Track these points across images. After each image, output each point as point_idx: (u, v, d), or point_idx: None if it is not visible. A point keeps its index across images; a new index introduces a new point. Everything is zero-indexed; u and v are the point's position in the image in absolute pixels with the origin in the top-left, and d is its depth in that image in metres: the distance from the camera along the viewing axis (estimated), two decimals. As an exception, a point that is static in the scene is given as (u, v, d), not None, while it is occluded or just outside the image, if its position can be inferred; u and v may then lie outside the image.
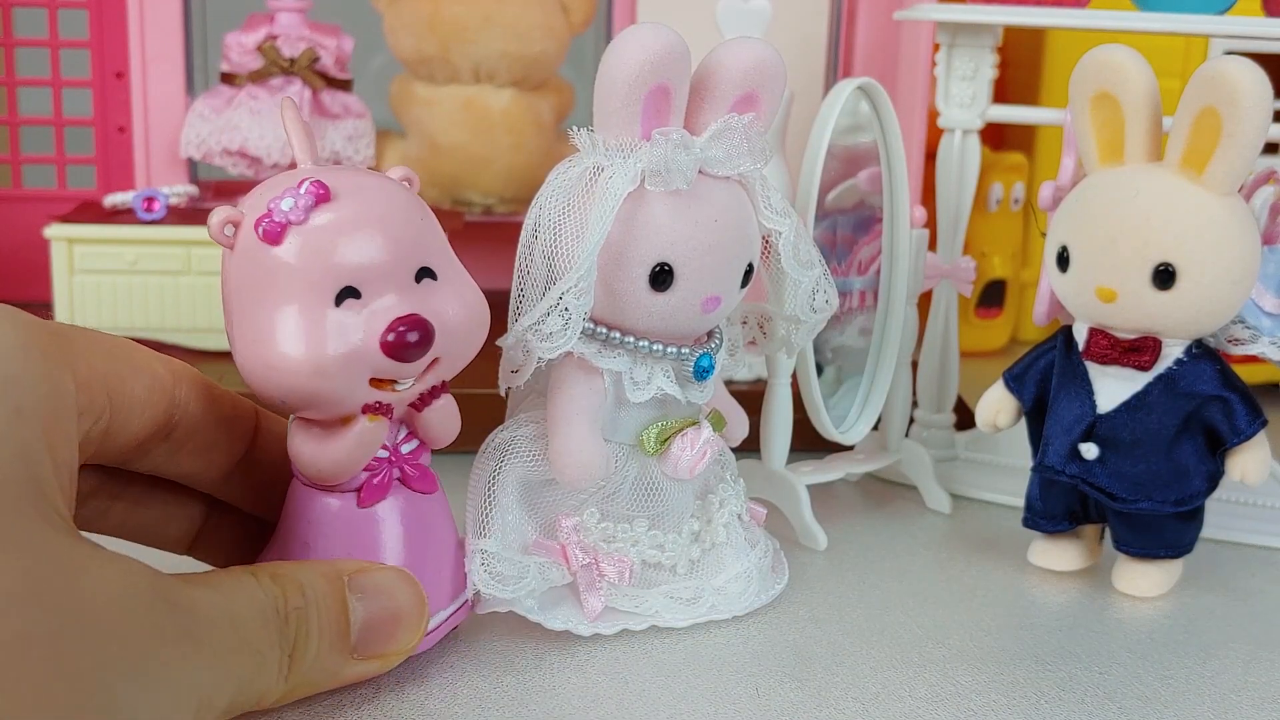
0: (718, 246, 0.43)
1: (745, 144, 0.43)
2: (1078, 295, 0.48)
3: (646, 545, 0.46)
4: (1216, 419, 0.48)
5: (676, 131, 0.42)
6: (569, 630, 0.44)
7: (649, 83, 0.41)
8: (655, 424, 0.45)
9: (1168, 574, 0.50)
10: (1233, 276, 0.46)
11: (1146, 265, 0.46)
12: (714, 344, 0.46)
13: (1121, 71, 0.47)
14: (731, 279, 0.44)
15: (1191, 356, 0.48)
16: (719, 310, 0.44)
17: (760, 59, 0.43)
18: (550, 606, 0.45)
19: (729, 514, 0.47)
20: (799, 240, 0.45)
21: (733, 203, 0.43)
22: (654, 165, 0.41)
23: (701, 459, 0.45)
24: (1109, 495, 0.49)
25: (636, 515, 0.46)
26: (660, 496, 0.46)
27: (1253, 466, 0.48)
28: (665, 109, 0.42)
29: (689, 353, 0.44)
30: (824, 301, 0.47)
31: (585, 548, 0.45)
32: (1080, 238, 0.48)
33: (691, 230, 0.42)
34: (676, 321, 0.44)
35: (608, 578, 0.45)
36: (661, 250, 0.42)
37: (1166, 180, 0.46)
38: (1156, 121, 0.47)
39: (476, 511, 0.44)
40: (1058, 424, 0.50)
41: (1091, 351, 0.49)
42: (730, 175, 0.43)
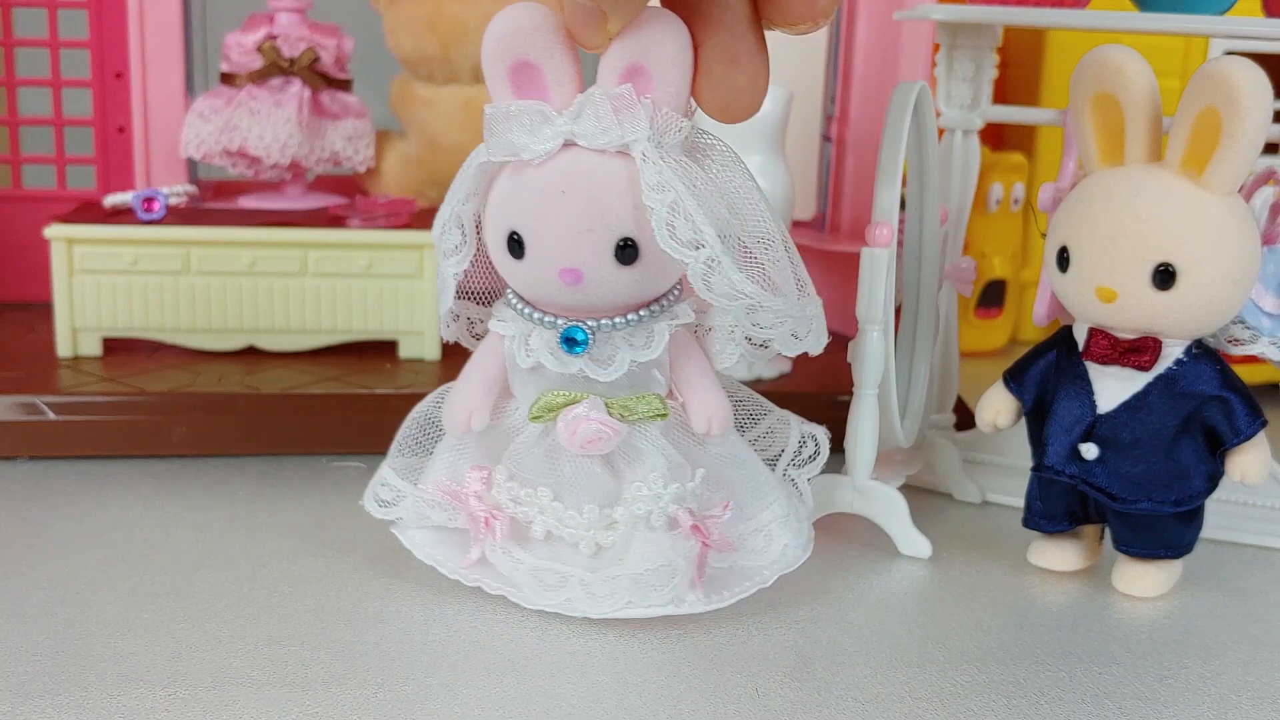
0: (564, 218, 0.43)
1: (612, 116, 0.42)
2: (1078, 295, 0.48)
3: (550, 515, 0.46)
4: (1216, 419, 0.48)
5: (527, 104, 0.42)
6: (454, 578, 0.47)
7: (508, 58, 0.42)
8: (547, 393, 0.45)
9: (1167, 574, 0.50)
10: (1232, 276, 0.46)
11: (1146, 265, 0.46)
12: (612, 321, 0.44)
13: (1121, 72, 0.47)
14: (592, 253, 0.43)
15: (1191, 357, 0.48)
16: (585, 285, 0.43)
17: (639, 30, 0.41)
18: (451, 546, 0.48)
19: (633, 515, 0.45)
20: (675, 218, 0.41)
21: (595, 176, 0.42)
22: (489, 137, 0.43)
23: (572, 435, 0.44)
24: (1109, 495, 0.49)
25: (541, 483, 0.46)
26: (562, 468, 0.46)
27: (1253, 467, 0.48)
28: (534, 82, 0.42)
29: (561, 323, 0.44)
30: (725, 287, 0.42)
31: (485, 500, 0.46)
32: (1080, 238, 0.48)
33: (536, 200, 0.43)
34: (544, 291, 0.44)
35: (494, 533, 0.46)
36: (510, 219, 0.43)
37: (1167, 180, 0.46)
38: (1156, 122, 0.47)
39: (397, 439, 0.49)
40: (1058, 424, 0.50)
41: (1091, 352, 0.49)
42: (604, 148, 0.42)
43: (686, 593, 0.46)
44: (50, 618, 0.45)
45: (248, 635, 0.44)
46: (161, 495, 0.57)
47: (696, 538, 0.45)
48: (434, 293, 0.67)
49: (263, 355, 0.67)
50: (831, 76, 0.77)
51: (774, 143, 0.67)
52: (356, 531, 0.54)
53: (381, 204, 0.70)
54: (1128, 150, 0.48)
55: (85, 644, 0.43)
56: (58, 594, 0.47)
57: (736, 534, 0.47)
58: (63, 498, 0.56)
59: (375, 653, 0.44)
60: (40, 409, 0.60)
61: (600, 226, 0.43)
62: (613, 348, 0.45)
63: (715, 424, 0.46)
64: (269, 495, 0.57)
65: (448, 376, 0.65)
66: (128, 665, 0.42)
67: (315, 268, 0.67)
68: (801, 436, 0.50)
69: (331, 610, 0.47)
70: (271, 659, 0.43)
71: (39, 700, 0.40)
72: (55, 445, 0.60)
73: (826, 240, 0.78)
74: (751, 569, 0.47)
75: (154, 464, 0.60)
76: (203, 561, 0.50)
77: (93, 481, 0.58)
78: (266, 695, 0.41)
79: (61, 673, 0.41)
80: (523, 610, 0.46)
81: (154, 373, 0.64)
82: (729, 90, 0.41)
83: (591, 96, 0.42)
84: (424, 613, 0.47)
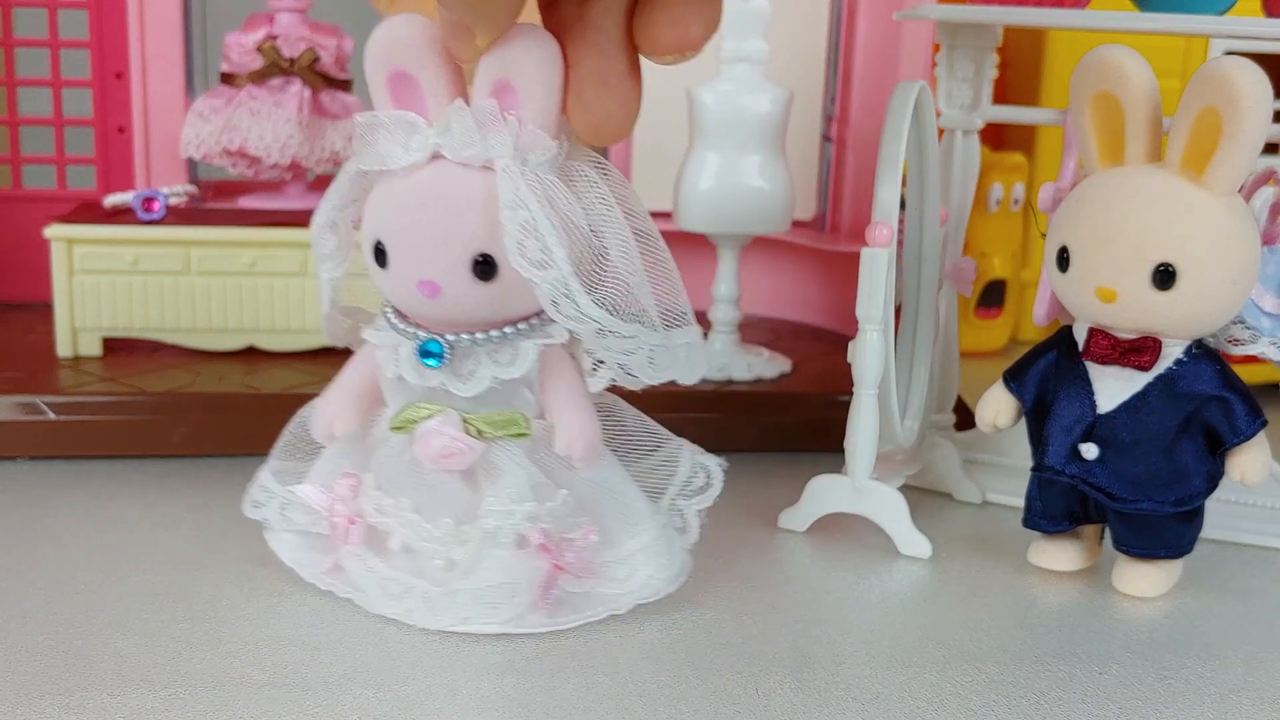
0: (421, 230, 0.42)
1: (476, 131, 0.41)
2: (1078, 295, 0.48)
3: (409, 528, 0.46)
4: (1216, 419, 0.48)
5: (396, 115, 0.42)
6: (312, 582, 0.47)
7: (385, 69, 0.42)
8: (409, 405, 0.45)
9: (1168, 574, 0.50)
10: (1232, 276, 0.46)
11: (1146, 265, 0.46)
12: (473, 336, 0.44)
13: (1121, 72, 0.47)
14: (448, 267, 0.43)
15: (1191, 357, 0.48)
16: (443, 298, 0.43)
17: (507, 46, 0.41)
18: (317, 551, 0.48)
19: (483, 531, 0.45)
20: (526, 237, 0.41)
21: (456, 190, 0.42)
22: (359, 146, 0.43)
23: (425, 448, 0.44)
24: (1109, 495, 0.49)
25: (403, 494, 0.46)
26: (423, 481, 0.45)
27: (1252, 467, 0.48)
28: (412, 93, 0.42)
29: (422, 335, 0.44)
30: (572, 310, 0.42)
31: (350, 506, 0.46)
32: (1080, 238, 0.47)
33: (397, 211, 0.43)
34: (408, 303, 0.44)
35: (351, 540, 0.46)
36: (375, 228, 0.44)
37: (1167, 181, 0.46)
38: (1156, 122, 0.47)
39: (278, 443, 0.49)
40: (1058, 424, 0.50)
41: (1091, 352, 0.48)
42: (468, 163, 0.42)
43: (529, 613, 0.45)
44: (50, 618, 0.45)
45: (248, 635, 0.44)
46: (161, 495, 0.57)
47: (545, 558, 0.45)
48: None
49: (263, 355, 0.67)
50: (831, 76, 0.77)
51: (774, 143, 0.67)
52: (356, 531, 0.54)
53: (381, 204, 0.70)
54: (1128, 150, 0.48)
55: (85, 644, 0.43)
56: (58, 594, 0.47)
57: (600, 561, 0.46)
58: (63, 498, 0.56)
59: (375, 653, 0.44)
60: (40, 409, 0.60)
61: (455, 241, 0.42)
62: (475, 363, 0.44)
63: (577, 447, 0.45)
64: (269, 495, 0.57)
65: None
66: (128, 665, 0.42)
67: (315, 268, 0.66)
68: (693, 467, 0.49)
69: (332, 610, 0.47)
70: (271, 659, 0.43)
71: (39, 700, 0.40)
72: (55, 445, 0.60)
73: (826, 240, 0.78)
74: (610, 596, 0.46)
75: (154, 464, 0.60)
76: (203, 561, 0.50)
77: (93, 481, 0.58)
78: (266, 695, 0.41)
79: (61, 673, 0.41)
80: (523, 610, 0.46)
81: (154, 373, 0.64)
82: (599, 112, 0.41)
83: (457, 110, 0.42)
84: (424, 613, 0.47)
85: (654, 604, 0.48)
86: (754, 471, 0.62)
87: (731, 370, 0.67)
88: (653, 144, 0.79)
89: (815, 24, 0.77)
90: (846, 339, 0.54)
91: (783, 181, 0.67)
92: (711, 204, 0.67)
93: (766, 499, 0.58)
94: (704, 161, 0.67)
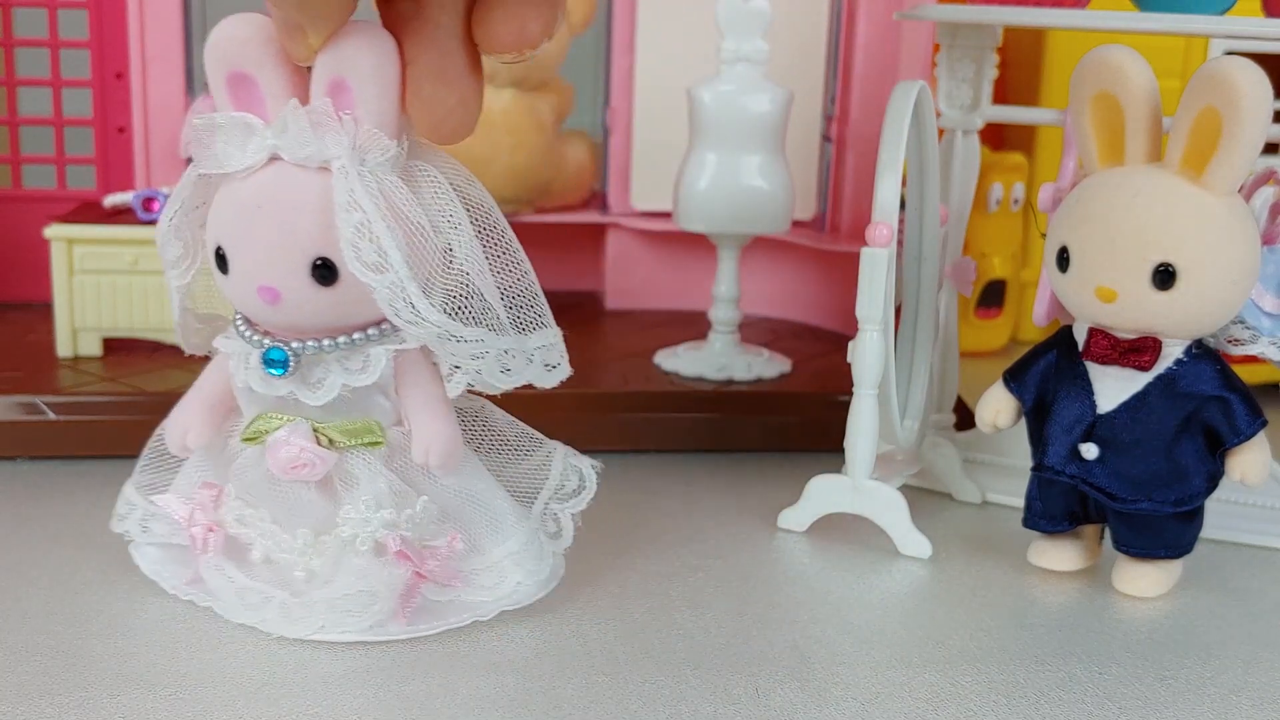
0: (258, 234, 0.42)
1: (311, 131, 0.41)
2: (1077, 295, 0.48)
3: (269, 539, 0.45)
4: (1216, 419, 0.48)
5: (233, 117, 0.41)
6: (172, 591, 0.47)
7: (223, 69, 0.41)
8: (261, 415, 0.44)
9: (1168, 574, 0.50)
10: (1232, 277, 0.46)
11: (1146, 265, 0.46)
12: (319, 343, 0.43)
13: (1121, 71, 0.47)
14: (287, 272, 0.42)
15: (1192, 357, 0.48)
16: (284, 304, 0.42)
17: (340, 44, 0.40)
18: (176, 563, 0.47)
19: (340, 540, 0.44)
20: (360, 239, 0.40)
21: (292, 192, 0.41)
22: (196, 150, 0.42)
23: (274, 459, 0.43)
24: (1109, 495, 0.49)
25: (262, 504, 0.45)
26: (280, 492, 0.45)
27: (1253, 467, 0.48)
28: (251, 94, 0.42)
29: (268, 342, 0.43)
30: (410, 314, 0.41)
31: (210, 515, 0.46)
32: (1080, 238, 0.47)
33: (235, 216, 0.42)
34: (251, 309, 0.43)
35: (210, 549, 0.45)
36: (215, 233, 0.43)
37: (1167, 181, 0.46)
38: (1156, 121, 0.47)
39: (141, 455, 0.49)
40: (1058, 424, 0.50)
41: (1091, 352, 0.48)
42: (305, 164, 0.41)
43: (388, 621, 0.44)
44: (50, 618, 0.45)
45: (247, 635, 0.44)
46: (161, 495, 0.57)
47: (405, 566, 0.44)
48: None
49: (263, 355, 0.67)
50: (831, 76, 0.77)
51: (774, 143, 0.67)
52: (356, 531, 0.54)
53: (381, 204, 0.70)
54: (1128, 150, 0.48)
55: (85, 644, 0.43)
56: (58, 594, 0.47)
57: (468, 569, 0.46)
58: (63, 498, 0.56)
59: (375, 653, 0.43)
60: (40, 409, 0.60)
61: (292, 245, 0.41)
62: (324, 370, 0.43)
63: (434, 454, 0.44)
64: (269, 495, 0.57)
65: (448, 376, 0.65)
66: (128, 665, 0.42)
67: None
68: (565, 470, 0.48)
69: (331, 610, 0.46)
70: (271, 659, 0.43)
71: (39, 700, 0.40)
72: (55, 445, 0.60)
73: (826, 240, 0.78)
74: (476, 604, 0.46)
75: (154, 464, 0.60)
76: (203, 561, 0.50)
77: (93, 481, 0.58)
78: (266, 695, 0.41)
79: (61, 673, 0.41)
80: (524, 612, 0.46)
81: (154, 373, 0.64)
82: (439, 109, 0.41)
83: (293, 110, 0.41)
84: (424, 613, 0.47)
85: (654, 604, 0.48)
86: (754, 471, 0.62)
87: (731, 370, 0.67)
88: (653, 144, 0.79)
89: (815, 24, 0.77)
90: (846, 339, 0.54)
91: (783, 181, 0.67)
92: (711, 204, 0.67)
93: (766, 499, 0.58)
94: (704, 161, 0.67)
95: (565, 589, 0.48)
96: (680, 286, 0.83)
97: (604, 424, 0.64)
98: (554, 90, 0.79)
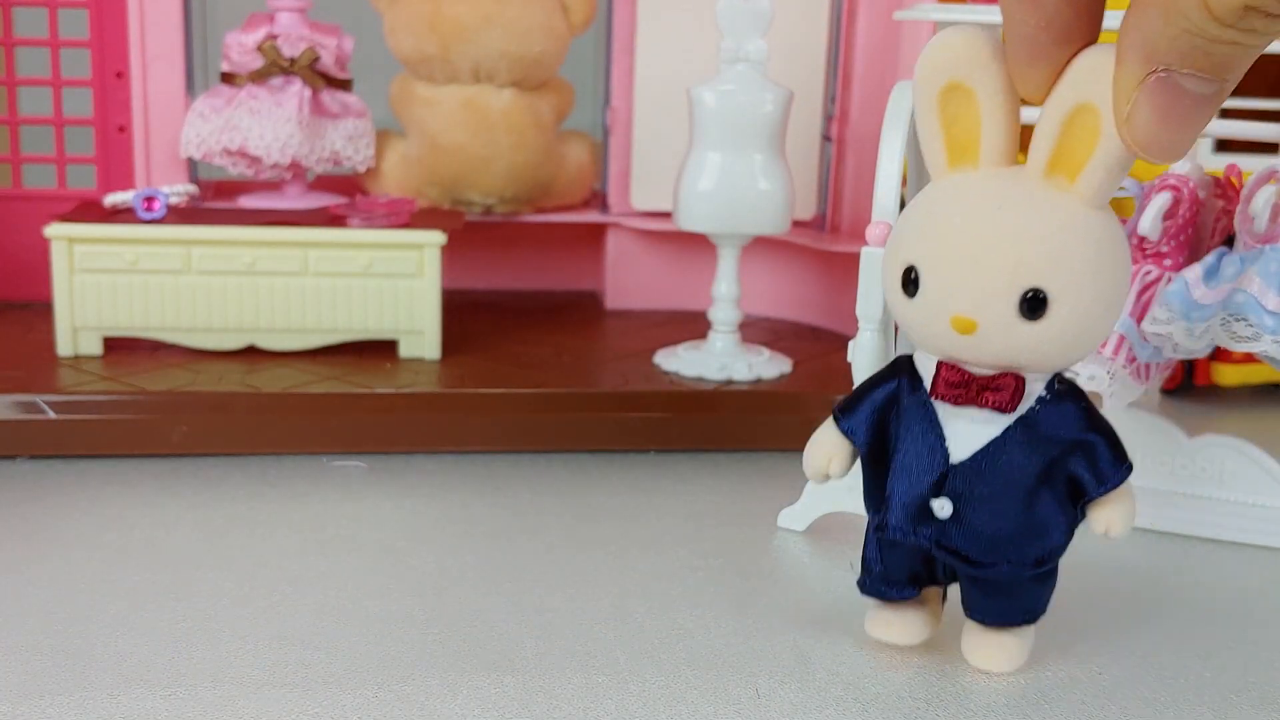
0: None
1: None
2: (928, 326, 0.40)
3: None
4: (1079, 467, 0.41)
5: None
6: None
7: None
8: None
9: (1024, 641, 0.44)
10: (1105, 303, 0.39)
11: (1014, 291, 0.38)
12: None
13: (977, 57, 0.38)
14: None
15: (1054, 394, 0.41)
16: None
17: None
18: None
19: None
20: None
21: None
22: None
23: None
24: (964, 559, 0.42)
25: None
26: None
27: (1119, 519, 0.41)
28: None
29: None
30: None
31: None
32: (934, 257, 0.39)
33: None
34: None
35: None
36: None
37: (1035, 190, 0.38)
38: (1014, 116, 0.39)
39: None
40: (904, 477, 0.42)
41: (941, 390, 0.41)
42: None
43: None
44: (50, 618, 0.45)
45: (248, 635, 0.44)
46: (161, 495, 0.57)
47: None
48: (436, 292, 0.67)
49: (263, 355, 0.67)
50: (831, 76, 0.77)
51: (774, 143, 0.67)
52: (356, 531, 0.54)
53: (382, 204, 0.70)
54: (983, 150, 0.40)
55: (85, 644, 0.43)
56: (58, 594, 0.47)
57: None
58: (63, 498, 0.56)
59: (375, 653, 0.44)
60: (40, 408, 0.60)
61: None
62: None
63: None
64: (269, 495, 0.57)
65: (448, 376, 0.65)
66: (128, 665, 0.42)
67: (315, 267, 0.67)
68: None
69: (331, 610, 0.47)
70: (271, 659, 0.43)
71: (39, 700, 0.40)
72: (55, 445, 0.60)
73: (826, 240, 0.78)
74: None
75: (154, 464, 0.61)
76: (203, 561, 0.50)
77: (93, 481, 0.58)
78: (266, 695, 0.41)
79: (61, 673, 0.41)
80: (523, 610, 0.46)
81: (154, 372, 0.64)
82: None
83: None
84: (424, 613, 0.47)
85: (654, 604, 0.48)
86: (754, 471, 0.62)
87: (731, 370, 0.67)
88: (653, 144, 0.79)
89: (815, 24, 0.77)
90: (846, 339, 0.54)
91: (783, 181, 0.67)
92: (711, 204, 0.67)
93: (766, 499, 0.58)
94: (704, 161, 0.67)
95: (565, 589, 0.48)
96: (680, 286, 0.83)
97: (604, 424, 0.64)
98: (554, 90, 0.79)
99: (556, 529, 0.55)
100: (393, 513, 0.56)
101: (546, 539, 0.54)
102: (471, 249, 0.84)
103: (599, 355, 0.72)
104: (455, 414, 0.63)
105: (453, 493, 0.59)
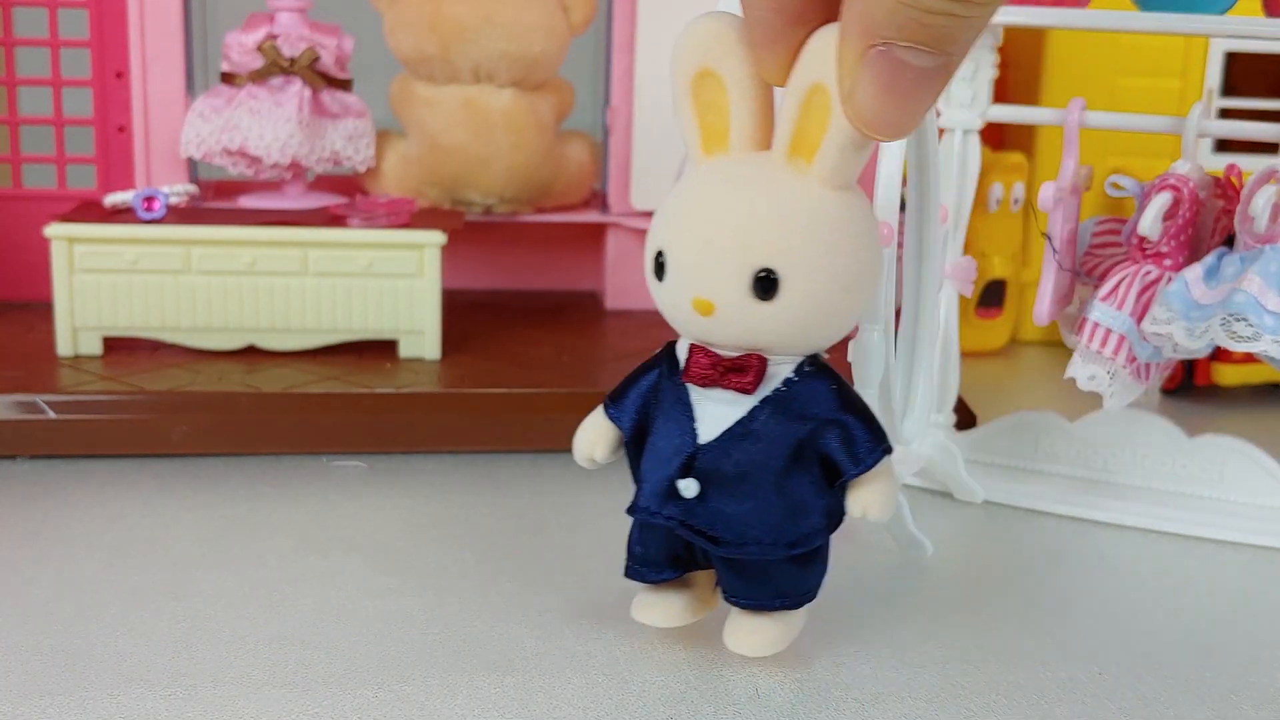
0: None
1: None
2: (676, 309, 0.40)
3: None
4: (833, 447, 0.41)
5: None
6: None
7: None
8: None
9: (786, 626, 0.43)
10: (844, 283, 0.39)
11: (745, 272, 0.38)
12: None
13: (723, 43, 0.38)
14: None
15: (803, 375, 0.41)
16: None
17: None
18: None
19: None
20: None
21: None
22: None
23: None
24: (711, 539, 0.41)
25: None
26: None
27: (876, 500, 0.41)
28: None
29: None
30: None
31: None
32: (676, 241, 0.40)
33: None
34: None
35: None
36: None
37: (770, 172, 0.39)
38: (765, 102, 0.39)
39: None
40: (654, 457, 0.42)
41: (691, 372, 0.41)
42: None
43: None
44: (50, 618, 0.45)
45: (248, 635, 0.44)
46: (161, 495, 0.57)
47: None
48: (436, 292, 0.67)
49: (263, 355, 0.67)
50: (832, 76, 0.77)
51: (774, 142, 0.67)
52: (356, 531, 0.54)
53: (382, 204, 0.70)
54: (732, 136, 0.40)
55: (85, 644, 0.43)
56: (58, 594, 0.47)
57: None
58: (63, 498, 0.56)
59: (375, 653, 0.44)
60: (40, 408, 0.60)
61: None
62: None
63: None
64: (269, 495, 0.57)
65: (448, 376, 0.65)
66: (128, 665, 0.42)
67: (315, 267, 0.67)
68: None
69: (331, 610, 0.47)
70: (271, 659, 0.43)
71: (39, 700, 0.40)
72: (55, 445, 0.60)
73: (826, 240, 0.77)
74: None
75: (154, 464, 0.61)
76: (203, 561, 0.50)
77: (93, 481, 0.58)
78: (266, 695, 0.41)
79: (61, 673, 0.41)
80: (523, 610, 0.46)
81: (154, 372, 0.64)
82: None
83: None
84: (424, 613, 0.47)
85: (654, 604, 0.48)
86: (754, 471, 0.62)
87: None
88: (653, 144, 0.79)
89: (815, 24, 0.77)
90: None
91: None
92: (711, 204, 0.66)
93: (766, 499, 0.58)
94: (704, 161, 0.66)
95: (565, 589, 0.48)
96: (680, 286, 0.82)
97: (604, 424, 0.64)
98: (554, 90, 0.79)
99: (556, 529, 0.55)
100: (393, 513, 0.56)
101: (546, 539, 0.54)
102: (471, 249, 0.84)
103: (599, 355, 0.72)
104: (455, 414, 0.63)
105: (453, 493, 0.59)
